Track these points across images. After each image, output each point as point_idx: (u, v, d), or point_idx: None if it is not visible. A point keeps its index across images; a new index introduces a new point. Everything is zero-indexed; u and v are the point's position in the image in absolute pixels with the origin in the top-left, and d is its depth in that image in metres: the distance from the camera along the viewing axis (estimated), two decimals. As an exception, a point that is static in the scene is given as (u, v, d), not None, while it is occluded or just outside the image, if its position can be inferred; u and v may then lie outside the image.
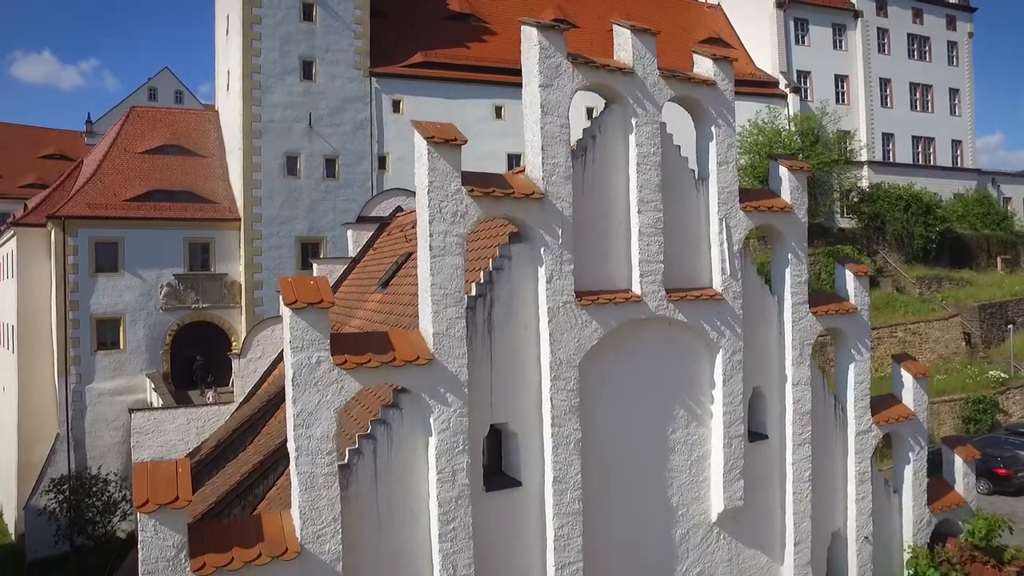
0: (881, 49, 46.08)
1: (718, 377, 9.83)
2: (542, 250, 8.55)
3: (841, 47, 45.43)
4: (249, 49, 35.88)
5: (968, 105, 48.88)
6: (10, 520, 37.40)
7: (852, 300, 11.34)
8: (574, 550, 8.68)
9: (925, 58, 47.65)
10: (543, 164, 8.59)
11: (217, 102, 41.57)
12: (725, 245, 9.86)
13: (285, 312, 7.38)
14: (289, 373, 7.38)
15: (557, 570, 8.60)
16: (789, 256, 10.60)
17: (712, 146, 9.96)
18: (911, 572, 11.73)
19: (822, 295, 11.49)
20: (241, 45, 35.70)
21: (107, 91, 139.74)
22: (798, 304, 10.62)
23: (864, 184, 43.60)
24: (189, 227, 35.74)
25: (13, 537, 35.87)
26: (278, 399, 15.89)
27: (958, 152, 48.97)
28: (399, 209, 20.71)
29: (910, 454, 11.93)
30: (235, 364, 21.33)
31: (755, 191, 10.83)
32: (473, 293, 8.41)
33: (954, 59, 48.65)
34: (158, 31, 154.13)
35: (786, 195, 10.67)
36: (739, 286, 9.96)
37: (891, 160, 46.23)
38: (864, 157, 44.14)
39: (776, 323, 10.61)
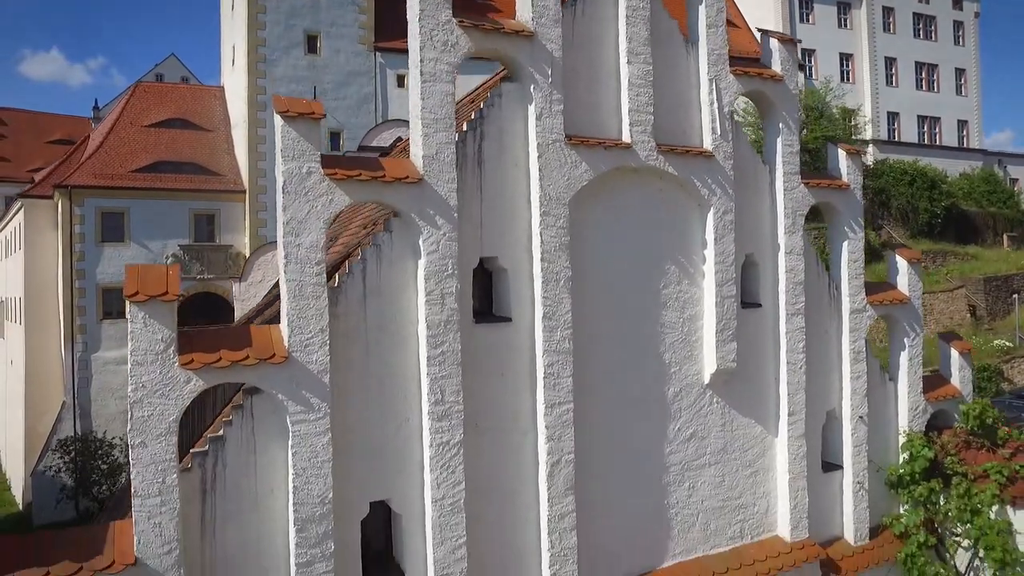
0: (886, 28, 46.14)
1: (709, 236, 9.87)
2: (532, 88, 8.63)
3: (846, 25, 45.51)
4: (255, 23, 36.24)
5: (974, 85, 48.81)
6: (17, 492, 37.58)
7: (845, 178, 11.38)
8: (564, 390, 8.71)
9: (931, 37, 47.69)
10: (532, 5, 8.70)
11: (222, 78, 41.97)
12: (715, 106, 9.92)
13: (277, 122, 7.47)
14: (280, 181, 7.47)
15: (547, 408, 8.63)
16: (780, 126, 10.65)
17: (701, 9, 10.04)
18: (906, 456, 11.69)
19: (815, 174, 11.51)
20: (246, 19, 36.06)
21: (114, 88, 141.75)
22: (790, 174, 10.66)
23: (869, 162, 43.54)
24: (195, 198, 36.02)
25: (20, 506, 36.02)
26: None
27: (964, 132, 48.89)
28: (399, 139, 20.83)
29: (905, 340, 11.91)
30: (235, 288, 21.34)
31: (745, 59, 10.90)
32: (464, 129, 8.49)
33: (960, 39, 48.65)
34: (165, 29, 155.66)
35: (777, 66, 10.74)
36: (729, 147, 10.01)
37: (896, 139, 46.19)
38: (869, 134, 44.10)
39: (768, 193, 10.64)
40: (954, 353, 12.65)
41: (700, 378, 9.98)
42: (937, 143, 47.31)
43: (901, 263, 12.04)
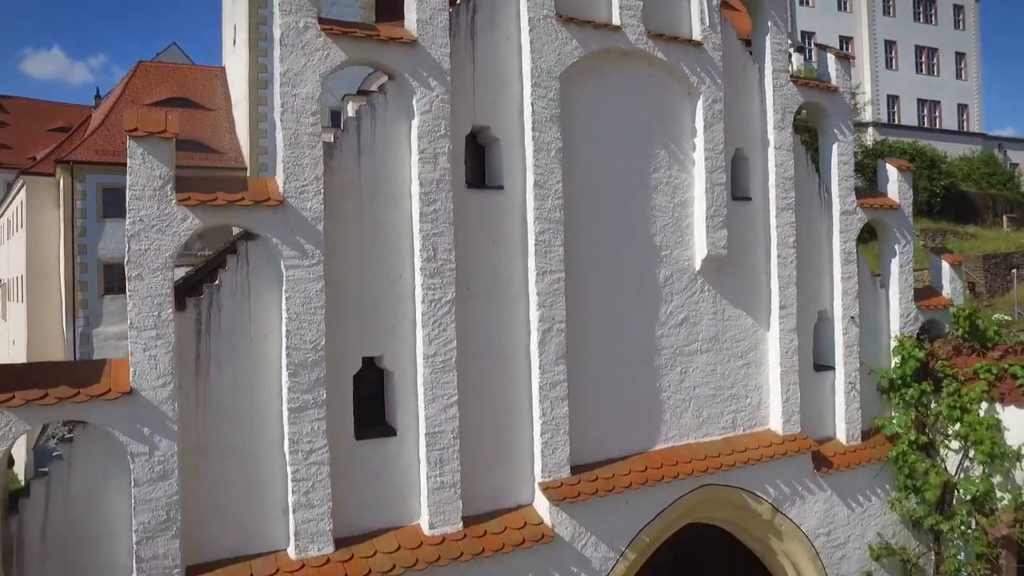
0: (886, 11, 46.30)
1: (699, 124, 10.02)
2: (523, -37, 8.81)
3: (845, 8, 45.69)
4: (256, 1, 36.51)
5: (975, 69, 48.96)
6: (20, 469, 37.67)
7: (834, 81, 11.53)
8: (555, 259, 8.85)
9: (931, 21, 47.82)
10: None
11: (223, 59, 42.26)
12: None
13: (273, -25, 7.65)
14: (277, 34, 7.65)
15: (539, 275, 8.77)
16: (770, 24, 10.80)
17: (692, -98, 10.22)
18: (897, 359, 11.79)
19: (806, 78, 11.66)
20: (248, -4, 36.36)
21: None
22: (779, 71, 10.81)
23: (869, 143, 43.65)
24: (196, 176, 36.18)
25: (23, 483, 36.11)
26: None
27: (964, 116, 49.01)
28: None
29: (896, 246, 12.03)
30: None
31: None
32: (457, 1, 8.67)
33: (960, 23, 48.80)
34: (165, 28, 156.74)
35: (765, -37, 10.91)
36: (718, 39, 10.16)
37: (896, 122, 46.30)
38: (868, 116, 44.21)
39: (757, 90, 10.79)
40: (945, 266, 12.77)
41: (691, 264, 10.11)
42: (937, 127, 47.41)
43: (891, 171, 12.18)
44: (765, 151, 10.72)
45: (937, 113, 47.92)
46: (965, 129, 48.90)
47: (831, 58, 11.58)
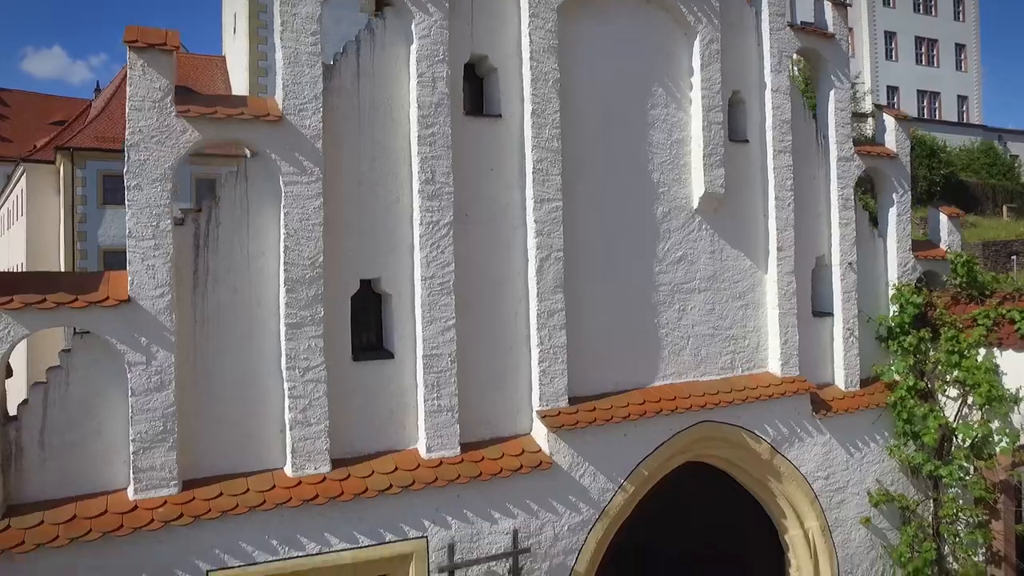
0: (886, 2, 46.43)
1: (696, 64, 10.05)
2: None
3: (844, -1, 45.80)
4: (256, -11, 36.67)
5: (975, 61, 49.08)
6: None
7: (831, 28, 11.58)
8: (553, 187, 8.88)
9: (931, 12, 47.95)
10: None
11: (224, 48, 42.39)
12: (702, -63, 10.11)
13: None
14: (275, -49, 7.69)
15: (536, 203, 8.80)
16: (767, -33, 10.85)
17: None
18: (896, 308, 11.80)
19: (802, 25, 11.70)
20: (249, -15, 36.49)
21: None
22: (776, 15, 10.84)
23: (868, 133, 43.72)
24: (196, 163, 36.22)
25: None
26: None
27: (964, 108, 49.09)
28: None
29: (893, 196, 12.06)
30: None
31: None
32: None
33: (960, 14, 48.93)
34: (167, 22, 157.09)
35: (763, -93, 10.95)
36: (716, -21, 10.21)
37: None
38: (868, 106, 44.29)
39: (754, 34, 10.81)
40: (943, 218, 12.79)
41: (689, 203, 10.13)
42: (937, 118, 47.49)
43: (889, 121, 12.22)
44: (762, 94, 10.75)
45: (937, 104, 48.01)
46: (965, 120, 48.96)
47: (828, 6, 11.62)
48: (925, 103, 47.69)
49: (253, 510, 7.29)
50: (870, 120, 44.75)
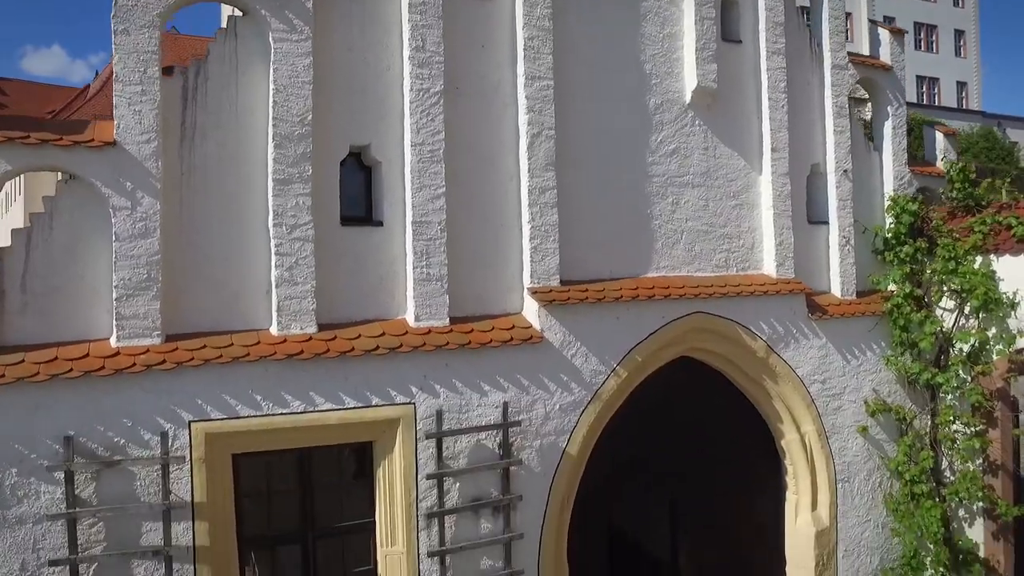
0: (883, -12, 46.59)
1: (688, -43, 10.02)
2: None
3: (843, -16, 45.92)
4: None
5: (974, 47, 49.16)
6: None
7: (825, -64, 11.55)
8: (544, 66, 8.83)
9: (929, -2, 48.14)
10: None
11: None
12: None
13: None
14: None
15: (527, 80, 8.74)
16: None
17: None
18: (891, 218, 11.71)
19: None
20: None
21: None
22: (769, -85, 10.81)
23: (867, 117, 43.73)
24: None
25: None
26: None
27: (963, 94, 49.13)
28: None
29: (888, 108, 11.99)
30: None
31: None
32: None
33: (960, 1, 49.04)
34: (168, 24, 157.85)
35: None
36: None
37: (894, 98, 46.38)
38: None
39: (747, -66, 10.78)
40: (939, 136, 12.72)
41: (682, 96, 10.06)
42: (936, 104, 47.53)
43: (884, 34, 12.17)
44: (754, -6, 10.70)
45: (936, 90, 48.03)
46: (965, 107, 48.99)
47: (822, -86, 11.58)
48: (924, 89, 47.73)
49: (237, 361, 7.21)
50: (868, 104, 44.85)
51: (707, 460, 10.69)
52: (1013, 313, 10.66)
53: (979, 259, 11.07)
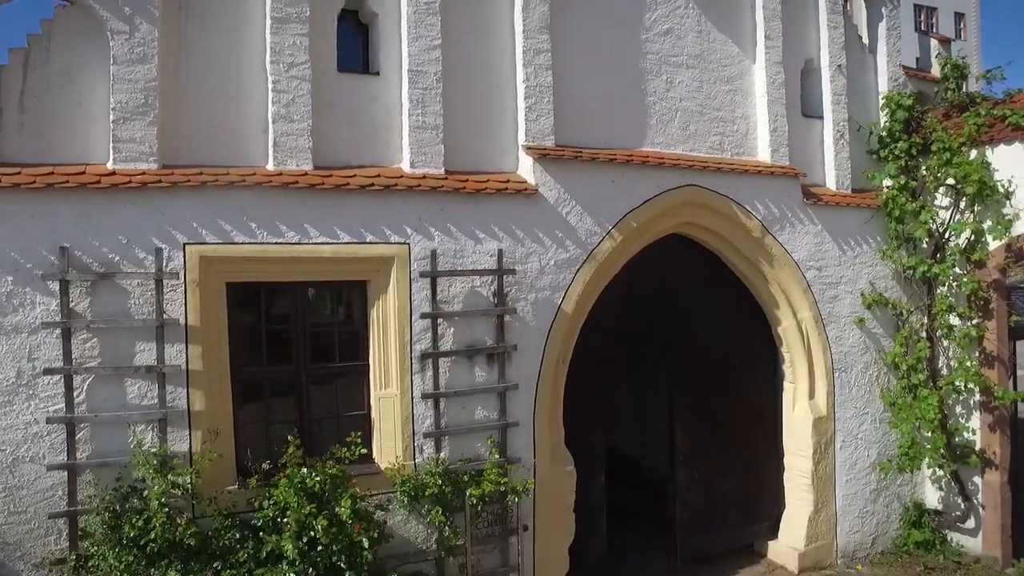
0: (882, -28, 46.70)
1: None
2: None
3: (841, -32, 46.11)
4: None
5: (974, 30, 49.27)
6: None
7: None
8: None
9: (929, -21, 48.22)
10: None
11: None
12: None
13: None
14: None
15: None
16: None
17: None
18: (886, 114, 11.75)
19: None
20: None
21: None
22: None
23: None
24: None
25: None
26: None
27: (963, 79, 49.16)
28: None
29: (883, 10, 12.09)
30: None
31: None
32: None
33: (957, -15, 49.22)
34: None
35: None
36: None
37: (894, 82, 46.46)
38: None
39: None
40: (934, 43, 12.79)
41: (675, -24, 10.15)
42: (935, 87, 47.62)
43: (878, -64, 12.24)
44: None
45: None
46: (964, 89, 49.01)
47: None
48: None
49: (233, 186, 7.27)
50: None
51: (705, 350, 10.70)
52: (1008, 202, 10.67)
53: (974, 152, 11.09)
